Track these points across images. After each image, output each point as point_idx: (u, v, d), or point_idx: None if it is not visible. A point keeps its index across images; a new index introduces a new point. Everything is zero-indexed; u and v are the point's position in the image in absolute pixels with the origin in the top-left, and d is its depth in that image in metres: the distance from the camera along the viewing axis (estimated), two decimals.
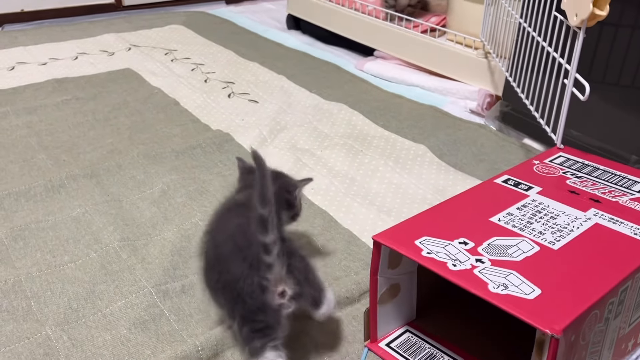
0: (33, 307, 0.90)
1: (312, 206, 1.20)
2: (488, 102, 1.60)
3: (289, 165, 1.32)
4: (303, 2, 2.21)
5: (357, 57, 2.05)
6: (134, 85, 1.73)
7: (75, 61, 1.89)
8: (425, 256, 0.75)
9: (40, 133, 1.44)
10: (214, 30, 2.24)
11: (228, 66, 1.92)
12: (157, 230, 1.10)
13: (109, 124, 1.50)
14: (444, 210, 0.88)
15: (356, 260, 1.04)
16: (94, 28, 2.19)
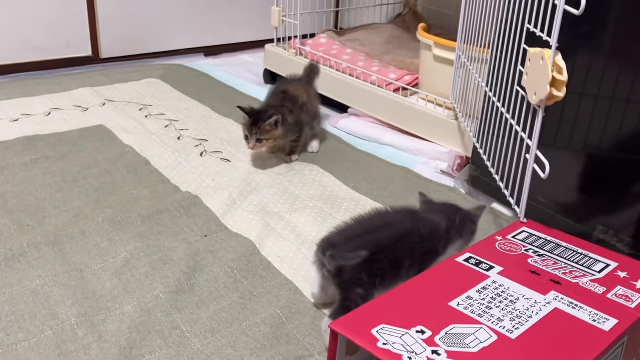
0: None
1: (278, 275, 1.18)
2: (458, 163, 1.61)
3: (256, 232, 1.31)
4: (278, 57, 2.23)
5: (331, 113, 2.06)
6: (106, 143, 1.72)
7: (47, 117, 1.88)
8: (380, 347, 0.74)
9: (6, 195, 1.42)
10: (191, 84, 2.25)
11: (202, 122, 1.92)
12: (117, 304, 1.07)
13: (77, 185, 1.48)
14: (404, 292, 0.87)
15: (320, 337, 1.02)
16: (70, 81, 2.18)
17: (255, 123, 1.53)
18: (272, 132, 1.54)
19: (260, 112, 1.55)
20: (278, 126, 1.54)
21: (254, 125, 1.53)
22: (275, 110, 1.55)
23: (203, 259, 1.22)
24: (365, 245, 0.96)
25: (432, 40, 1.73)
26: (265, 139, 1.53)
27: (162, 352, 0.97)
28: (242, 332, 1.02)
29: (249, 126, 1.54)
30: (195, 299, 1.10)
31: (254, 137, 1.53)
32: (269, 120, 1.52)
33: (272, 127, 1.53)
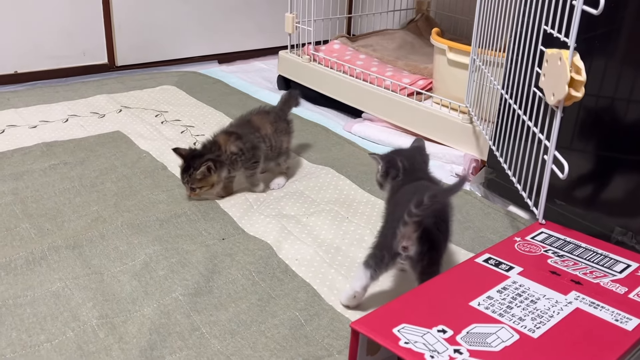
0: None
1: (296, 278, 1.18)
2: (474, 167, 1.61)
3: (273, 235, 1.32)
4: (293, 64, 2.24)
5: (345, 118, 2.07)
6: (123, 148, 1.74)
7: (65, 124, 1.90)
8: (402, 346, 0.74)
9: (26, 200, 1.43)
10: (206, 91, 2.26)
11: (218, 128, 1.92)
12: (137, 306, 1.08)
13: (95, 190, 1.50)
14: (424, 292, 0.87)
15: (339, 338, 1.02)
16: (87, 89, 2.21)
17: (187, 170, 1.40)
18: (207, 180, 1.41)
19: (195, 157, 1.40)
20: (212, 173, 1.40)
21: (185, 172, 1.40)
22: (212, 155, 1.41)
23: (221, 261, 1.23)
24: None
25: (447, 44, 1.74)
26: (199, 188, 1.42)
27: (182, 353, 0.98)
28: (261, 333, 1.03)
29: (182, 173, 1.42)
30: (215, 301, 1.11)
31: (187, 186, 1.42)
32: (200, 170, 1.38)
33: (204, 175, 1.40)
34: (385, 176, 1.19)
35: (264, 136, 1.48)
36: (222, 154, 1.42)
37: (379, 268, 1.03)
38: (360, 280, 1.04)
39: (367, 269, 1.03)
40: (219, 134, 1.46)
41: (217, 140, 1.44)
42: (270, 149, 1.50)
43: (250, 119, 1.51)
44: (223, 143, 1.43)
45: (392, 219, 1.05)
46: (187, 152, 1.42)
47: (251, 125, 1.49)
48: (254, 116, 1.53)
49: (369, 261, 1.04)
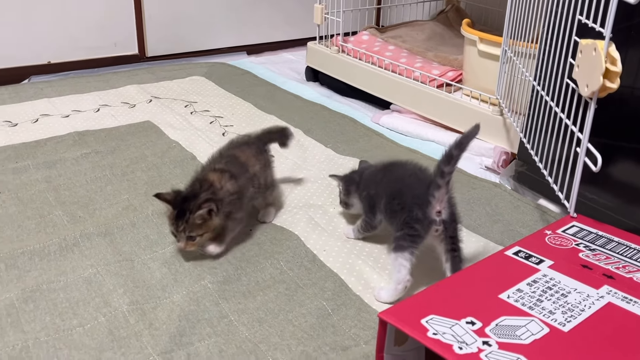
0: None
1: (323, 268, 1.19)
2: (504, 159, 1.59)
3: (301, 226, 1.32)
4: (321, 54, 2.24)
5: (373, 110, 2.06)
6: (153, 138, 1.76)
7: (97, 113, 1.93)
8: (431, 337, 0.74)
9: (59, 188, 1.46)
10: (235, 82, 2.28)
11: (246, 119, 1.94)
12: (167, 293, 1.10)
13: (126, 179, 1.52)
14: (453, 284, 0.87)
15: (366, 328, 1.02)
16: (118, 79, 2.24)
17: (181, 216, 1.12)
18: (208, 225, 1.14)
19: (188, 199, 1.13)
20: (213, 216, 1.14)
21: (179, 219, 1.12)
22: (208, 194, 1.14)
23: (249, 250, 1.24)
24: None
25: (477, 35, 1.72)
26: (199, 235, 1.14)
27: (211, 340, 0.99)
28: (288, 322, 1.04)
29: (174, 220, 1.13)
30: (243, 289, 1.12)
31: (183, 235, 1.13)
32: (200, 212, 1.12)
33: (204, 218, 1.13)
34: (348, 194, 1.29)
35: (252, 176, 1.26)
36: (218, 192, 1.17)
37: (415, 244, 1.06)
38: (404, 267, 1.06)
39: (403, 252, 1.06)
40: (206, 172, 1.21)
41: (207, 178, 1.19)
42: (258, 189, 1.28)
43: (234, 154, 1.27)
44: (217, 180, 1.18)
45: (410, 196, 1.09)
46: (174, 195, 1.15)
47: (240, 163, 1.25)
48: (236, 150, 1.29)
49: (402, 244, 1.06)
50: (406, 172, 1.15)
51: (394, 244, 1.08)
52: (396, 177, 1.16)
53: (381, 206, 1.16)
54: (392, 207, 1.12)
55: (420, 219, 1.05)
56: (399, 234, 1.08)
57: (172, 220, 1.14)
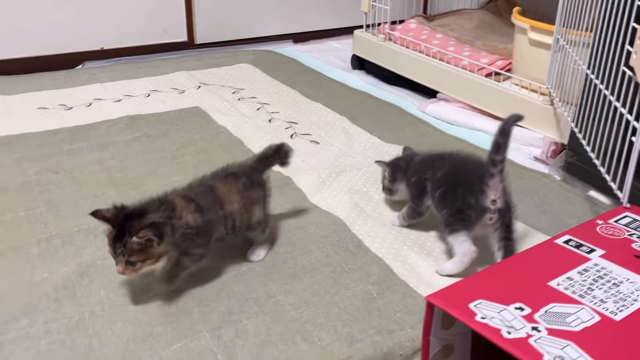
0: (94, 346, 0.94)
1: (369, 253, 1.20)
2: (553, 150, 1.57)
3: (346, 211, 1.33)
4: (367, 43, 2.24)
5: (419, 98, 2.05)
6: (202, 123, 1.80)
7: (147, 98, 1.97)
8: (479, 321, 0.74)
9: (111, 169, 1.51)
10: (281, 69, 2.29)
11: (292, 106, 1.96)
12: (215, 273, 1.13)
13: (176, 162, 1.56)
14: (501, 271, 0.87)
15: (412, 313, 1.03)
16: (167, 65, 2.28)
17: (119, 237, 0.96)
18: (149, 252, 0.97)
19: (131, 218, 0.97)
20: (155, 244, 0.97)
21: (117, 240, 0.96)
22: (156, 218, 0.97)
23: (295, 234, 1.25)
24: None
25: (529, 23, 1.69)
26: (140, 261, 0.97)
27: (258, 318, 1.01)
28: (334, 304, 1.05)
29: (112, 241, 0.97)
30: (289, 271, 1.14)
31: (121, 258, 0.97)
32: (138, 238, 0.95)
33: (145, 245, 0.96)
34: (394, 180, 1.29)
35: (226, 215, 1.09)
36: (175, 218, 1.01)
37: (467, 229, 1.08)
38: (465, 241, 1.08)
39: (458, 232, 1.08)
40: (174, 195, 1.07)
41: (171, 200, 1.04)
42: (232, 231, 1.11)
43: (213, 185, 1.11)
44: (179, 206, 1.03)
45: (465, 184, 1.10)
46: (114, 212, 0.98)
47: (215, 197, 1.09)
48: (219, 182, 1.12)
49: (455, 227, 1.08)
50: (461, 162, 1.17)
51: (448, 228, 1.10)
52: (451, 165, 1.16)
53: (435, 194, 1.16)
54: (445, 196, 1.12)
55: (472, 205, 1.07)
56: (451, 219, 1.09)
57: (110, 240, 0.97)
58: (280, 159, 1.22)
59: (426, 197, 1.20)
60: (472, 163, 1.16)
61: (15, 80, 2.08)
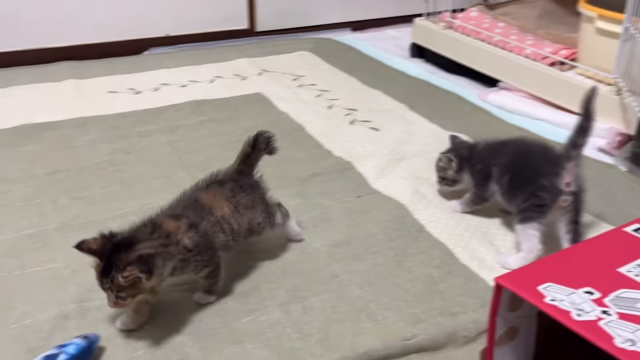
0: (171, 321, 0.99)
1: (431, 238, 1.21)
2: (618, 141, 1.54)
3: (407, 196, 1.35)
4: (428, 31, 2.24)
5: (480, 87, 2.04)
6: (264, 109, 1.84)
7: (211, 84, 2.03)
8: (548, 303, 0.75)
9: (180, 151, 1.57)
10: (340, 57, 2.32)
11: (352, 93, 1.98)
12: (280, 252, 1.17)
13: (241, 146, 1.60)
14: (569, 256, 0.88)
15: (474, 297, 1.04)
16: (229, 52, 2.34)
17: (107, 272, 0.88)
18: (138, 286, 0.88)
19: (119, 249, 0.88)
20: (143, 280, 0.87)
21: (105, 274, 0.88)
22: (148, 243, 0.90)
23: (357, 217, 1.28)
24: None
25: (597, 12, 1.66)
26: (131, 296, 0.89)
27: (324, 296, 1.04)
28: (397, 285, 1.07)
29: (100, 274, 0.89)
30: (353, 252, 1.17)
31: (111, 292, 0.89)
32: (123, 277, 0.86)
33: (133, 281, 0.87)
34: (461, 169, 1.28)
35: (219, 219, 1.02)
36: (172, 245, 0.93)
37: (542, 214, 1.09)
38: (534, 236, 1.09)
39: (530, 222, 1.09)
40: (162, 216, 0.99)
41: (160, 223, 0.96)
42: (232, 237, 1.03)
43: (197, 196, 1.05)
44: (172, 229, 0.95)
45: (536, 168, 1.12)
46: (101, 242, 0.90)
47: (202, 206, 1.02)
48: (202, 192, 1.06)
49: (529, 215, 1.10)
50: (525, 147, 1.18)
51: (520, 216, 1.11)
52: (517, 151, 1.17)
53: (502, 180, 1.17)
54: (514, 182, 1.13)
55: (547, 188, 1.08)
56: (524, 205, 1.10)
57: (97, 274, 0.89)
58: (263, 150, 1.14)
59: (491, 183, 1.21)
60: (537, 147, 1.17)
61: (87, 65, 2.17)
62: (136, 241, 0.90)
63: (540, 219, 1.09)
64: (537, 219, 1.09)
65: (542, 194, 1.08)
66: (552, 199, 1.08)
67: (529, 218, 1.09)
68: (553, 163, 1.10)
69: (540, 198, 1.09)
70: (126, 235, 0.92)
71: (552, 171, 1.08)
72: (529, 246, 1.09)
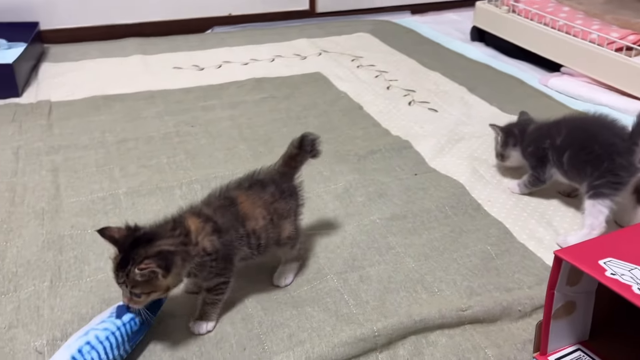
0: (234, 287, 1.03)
1: (488, 217, 1.22)
2: None
3: (465, 176, 1.36)
4: (490, 14, 2.21)
5: (541, 72, 2.01)
6: (323, 88, 1.87)
7: (272, 63, 2.07)
8: (608, 277, 0.76)
9: (241, 126, 1.61)
10: (399, 39, 2.32)
11: (410, 75, 1.99)
12: (339, 222, 1.20)
13: (300, 122, 1.64)
14: (630, 234, 0.87)
15: (530, 275, 1.05)
16: (290, 32, 2.37)
17: (123, 266, 0.83)
18: (154, 284, 0.84)
19: (139, 243, 0.84)
20: (160, 278, 0.83)
21: (121, 268, 0.84)
22: (169, 240, 0.86)
23: (414, 194, 1.30)
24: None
25: None
26: (145, 294, 0.84)
27: (380, 266, 1.07)
28: (453, 260, 1.09)
29: (116, 266, 0.85)
30: (409, 226, 1.19)
31: (125, 287, 0.84)
32: (140, 270, 0.81)
33: (149, 277, 0.82)
34: (506, 145, 1.30)
35: (249, 233, 0.94)
36: (190, 245, 0.88)
37: (618, 192, 1.09)
38: (602, 214, 1.09)
39: (603, 199, 1.09)
40: (187, 214, 0.92)
41: (183, 221, 0.90)
42: (257, 251, 0.96)
43: (236, 198, 0.96)
44: (195, 230, 0.89)
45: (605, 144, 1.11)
46: (124, 234, 0.86)
47: (236, 212, 0.94)
48: (242, 194, 0.96)
49: (603, 191, 1.09)
50: (591, 122, 1.17)
51: (593, 192, 1.10)
52: (580, 127, 1.16)
53: (562, 160, 1.16)
54: (579, 158, 1.13)
55: (625, 166, 1.07)
56: (599, 181, 1.09)
57: (114, 266, 0.85)
58: (308, 152, 1.06)
59: (548, 166, 1.21)
60: (598, 121, 1.16)
61: (152, 41, 2.25)
62: (157, 237, 0.85)
63: (614, 197, 1.09)
64: (610, 196, 1.08)
65: (621, 173, 1.08)
66: (629, 176, 1.08)
67: (602, 194, 1.09)
68: (624, 139, 1.09)
69: (618, 176, 1.08)
70: (148, 230, 0.87)
71: (627, 148, 1.07)
72: (593, 223, 1.09)
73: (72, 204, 1.24)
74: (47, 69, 1.98)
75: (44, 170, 1.37)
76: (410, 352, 0.90)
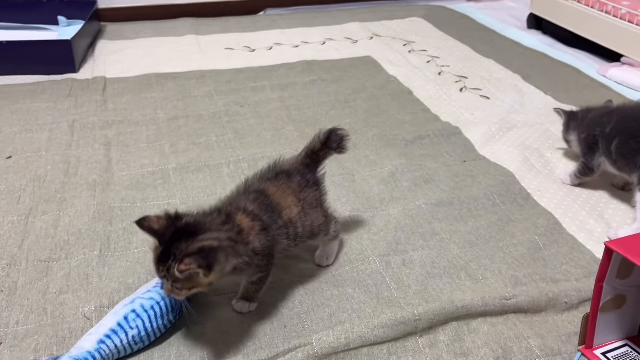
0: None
1: (537, 206, 1.19)
2: None
3: (515, 165, 1.33)
4: (548, 1, 2.14)
5: (600, 61, 1.94)
6: (372, 72, 1.85)
7: (322, 45, 2.07)
8: None
9: (290, 107, 1.62)
10: (452, 25, 2.28)
11: (463, 61, 1.95)
12: (384, 205, 1.19)
13: (348, 106, 1.63)
14: None
15: (578, 267, 1.02)
16: (342, 16, 2.36)
17: (164, 259, 0.80)
18: (195, 280, 0.80)
19: (181, 235, 0.80)
20: (201, 275, 0.78)
21: (161, 262, 0.80)
22: (214, 234, 0.81)
23: (462, 180, 1.28)
24: None
25: None
26: (187, 289, 0.81)
27: (424, 251, 1.06)
28: (499, 249, 1.07)
29: (157, 259, 0.81)
30: (455, 213, 1.17)
31: (167, 280, 0.81)
32: (179, 271, 0.77)
33: (190, 275, 0.78)
34: (567, 129, 1.29)
35: (286, 223, 0.91)
36: (241, 243, 0.85)
37: None
38: None
39: None
40: (233, 209, 0.88)
41: (233, 216, 0.87)
42: (295, 242, 0.94)
43: (265, 189, 0.93)
44: (246, 227, 0.86)
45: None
46: (165, 223, 0.82)
47: (271, 205, 0.91)
48: (270, 185, 0.94)
49: None
50: (630, 110, 1.15)
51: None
52: (631, 116, 1.13)
53: (610, 147, 1.13)
54: (629, 147, 1.09)
55: None
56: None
57: (155, 258, 0.81)
58: (334, 148, 1.00)
59: (597, 154, 1.17)
60: None
61: (205, 22, 2.27)
62: (200, 230, 0.81)
63: None
64: None
65: None
66: None
67: None
68: None
69: None
70: (192, 220, 0.83)
71: None
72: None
73: (123, 177, 1.27)
74: (103, 46, 2.03)
75: (97, 143, 1.40)
76: (451, 338, 0.89)
